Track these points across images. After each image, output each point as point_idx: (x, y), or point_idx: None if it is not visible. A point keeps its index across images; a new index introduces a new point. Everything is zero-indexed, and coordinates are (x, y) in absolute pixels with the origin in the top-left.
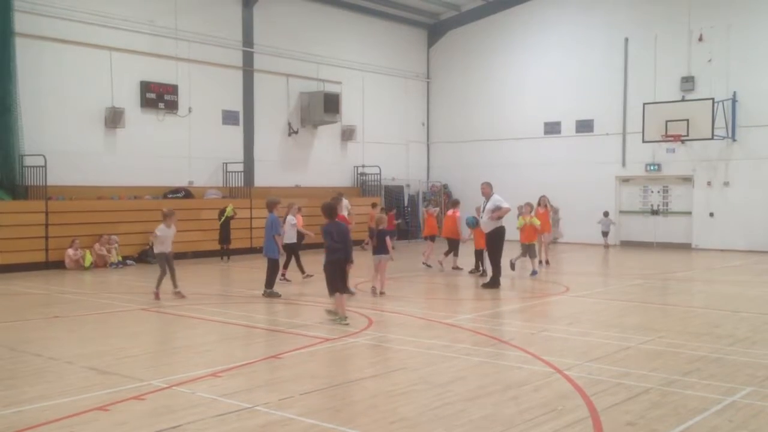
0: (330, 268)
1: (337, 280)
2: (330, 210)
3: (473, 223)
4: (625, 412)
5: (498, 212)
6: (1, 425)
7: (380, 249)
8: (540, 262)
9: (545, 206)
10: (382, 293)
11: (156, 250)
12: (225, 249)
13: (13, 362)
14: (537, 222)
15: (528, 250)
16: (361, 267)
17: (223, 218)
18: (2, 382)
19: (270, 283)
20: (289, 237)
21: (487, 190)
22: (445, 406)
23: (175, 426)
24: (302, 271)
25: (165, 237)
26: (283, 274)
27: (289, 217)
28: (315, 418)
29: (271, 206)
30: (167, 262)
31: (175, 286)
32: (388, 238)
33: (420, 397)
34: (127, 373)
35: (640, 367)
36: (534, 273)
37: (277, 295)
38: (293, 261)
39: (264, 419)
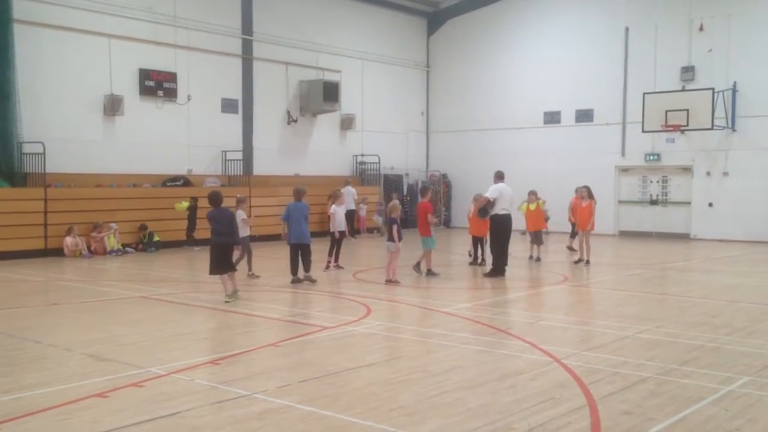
0: (216, 250)
1: (222, 262)
2: (215, 198)
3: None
4: (622, 401)
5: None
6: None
7: (391, 236)
8: (580, 260)
9: (589, 197)
10: (394, 281)
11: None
12: (191, 238)
13: (12, 349)
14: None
15: (534, 238)
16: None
17: (187, 207)
18: (1, 369)
19: (308, 267)
20: (340, 225)
21: (494, 180)
22: (443, 394)
23: (173, 413)
24: (335, 259)
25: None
26: (336, 262)
27: (338, 207)
28: (313, 405)
29: (299, 195)
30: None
31: (250, 268)
32: (395, 227)
33: (418, 386)
34: (125, 360)
35: (638, 357)
36: (537, 260)
37: (313, 281)
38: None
39: (262, 406)
